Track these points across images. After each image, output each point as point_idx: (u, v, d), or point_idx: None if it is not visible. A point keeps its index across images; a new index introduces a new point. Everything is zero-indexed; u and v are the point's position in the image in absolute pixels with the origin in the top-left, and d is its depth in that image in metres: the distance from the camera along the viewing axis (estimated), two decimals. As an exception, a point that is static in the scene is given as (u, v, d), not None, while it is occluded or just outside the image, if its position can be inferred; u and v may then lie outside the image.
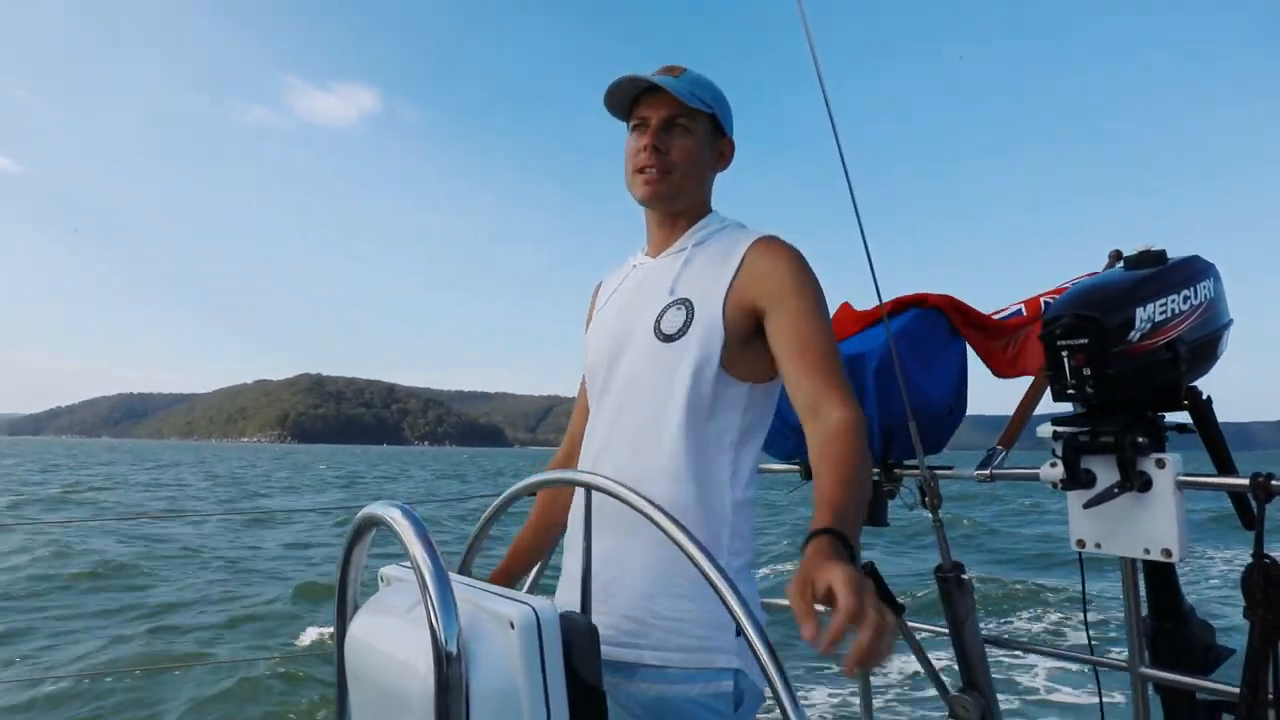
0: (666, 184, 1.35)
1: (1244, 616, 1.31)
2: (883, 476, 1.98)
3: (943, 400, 1.83)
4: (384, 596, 1.06)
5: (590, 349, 1.44)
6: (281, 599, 9.56)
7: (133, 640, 7.63)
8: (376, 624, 1.02)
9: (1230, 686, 1.39)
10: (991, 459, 1.77)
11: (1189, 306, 1.47)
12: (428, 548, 0.87)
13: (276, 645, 7.66)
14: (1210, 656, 1.64)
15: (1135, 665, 1.58)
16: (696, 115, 1.35)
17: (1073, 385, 1.44)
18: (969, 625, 1.74)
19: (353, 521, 1.03)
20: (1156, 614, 1.65)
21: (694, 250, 1.37)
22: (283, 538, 15.66)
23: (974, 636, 1.74)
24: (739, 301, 1.27)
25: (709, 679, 1.18)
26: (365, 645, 1.00)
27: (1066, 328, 1.44)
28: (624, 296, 1.43)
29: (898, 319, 1.85)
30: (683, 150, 1.34)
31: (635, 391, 1.32)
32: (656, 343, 1.30)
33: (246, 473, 53.01)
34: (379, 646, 0.98)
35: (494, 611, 0.91)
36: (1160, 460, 1.42)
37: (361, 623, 1.04)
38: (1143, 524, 1.44)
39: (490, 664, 0.87)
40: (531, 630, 0.87)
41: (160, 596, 9.76)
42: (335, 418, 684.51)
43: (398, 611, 0.99)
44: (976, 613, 1.76)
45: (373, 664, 0.98)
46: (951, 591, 1.74)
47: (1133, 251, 1.55)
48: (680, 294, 1.32)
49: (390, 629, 0.98)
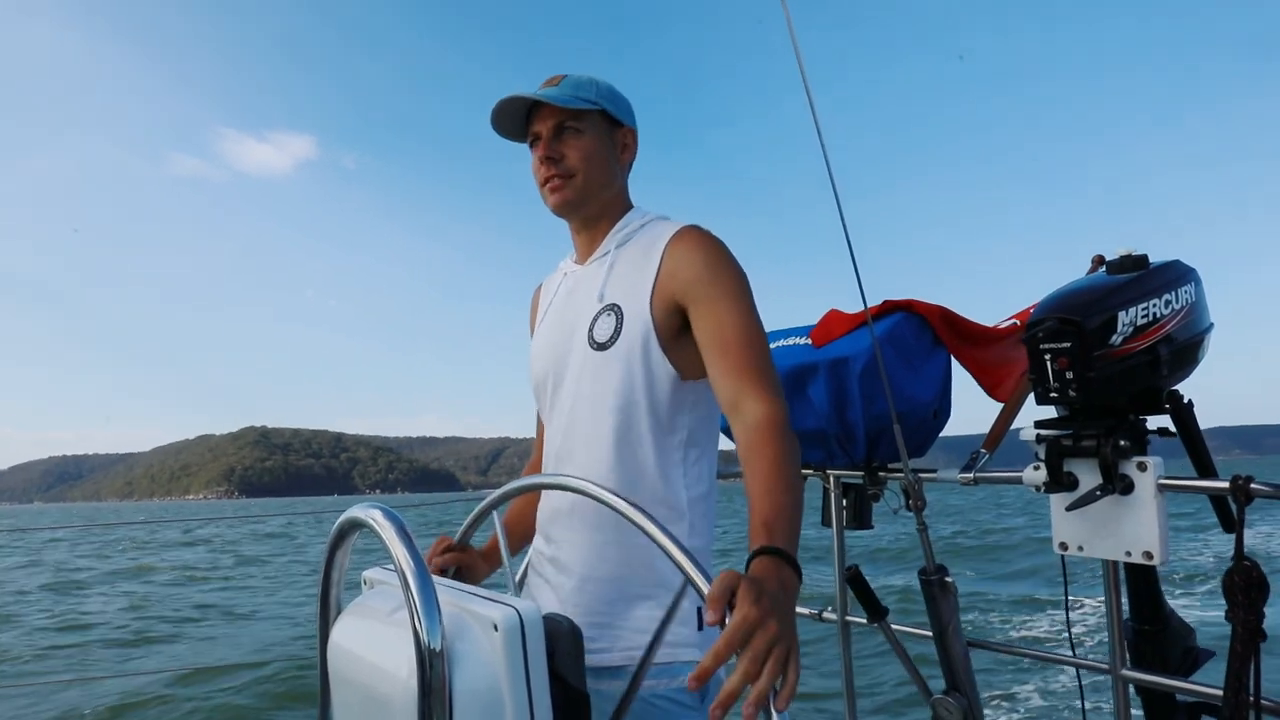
0: (571, 188, 1.34)
1: (1225, 619, 1.32)
2: (867, 479, 1.98)
3: (928, 403, 1.84)
4: (367, 599, 1.05)
5: (534, 366, 1.44)
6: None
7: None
8: (359, 627, 1.01)
9: (1211, 688, 1.40)
10: (975, 462, 1.78)
11: (1170, 310, 1.48)
12: (410, 549, 0.86)
13: (259, 650, 7.59)
14: (1191, 658, 1.66)
15: (1116, 667, 1.59)
16: (584, 115, 1.34)
17: (1055, 389, 1.45)
18: (952, 628, 1.74)
19: (335, 524, 1.02)
20: (1138, 616, 1.66)
21: (617, 253, 1.36)
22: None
23: (957, 639, 1.74)
24: (664, 299, 1.27)
25: (674, 673, 1.19)
26: (347, 648, 1.00)
27: (1049, 331, 1.44)
28: (557, 308, 1.43)
29: (883, 322, 1.86)
30: (577, 151, 1.33)
31: (580, 404, 1.32)
32: (592, 352, 1.30)
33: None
34: (361, 649, 0.97)
35: (477, 613, 0.90)
36: (1142, 463, 1.43)
37: (344, 626, 1.03)
38: (1125, 527, 1.45)
39: (473, 665, 0.87)
40: (515, 632, 0.87)
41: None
42: (284, 469, 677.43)
43: (380, 614, 0.98)
44: (960, 615, 1.77)
45: (355, 667, 0.97)
46: (935, 594, 1.74)
47: (1115, 256, 1.57)
48: (609, 299, 1.32)
49: (373, 632, 0.98)
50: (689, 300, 1.25)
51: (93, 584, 12.83)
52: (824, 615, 2.19)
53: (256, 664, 6.85)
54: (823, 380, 1.88)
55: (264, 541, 14.77)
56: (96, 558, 14.42)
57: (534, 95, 1.32)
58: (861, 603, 1.91)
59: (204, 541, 13.49)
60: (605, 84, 1.39)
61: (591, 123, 1.35)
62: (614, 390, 1.27)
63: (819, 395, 1.89)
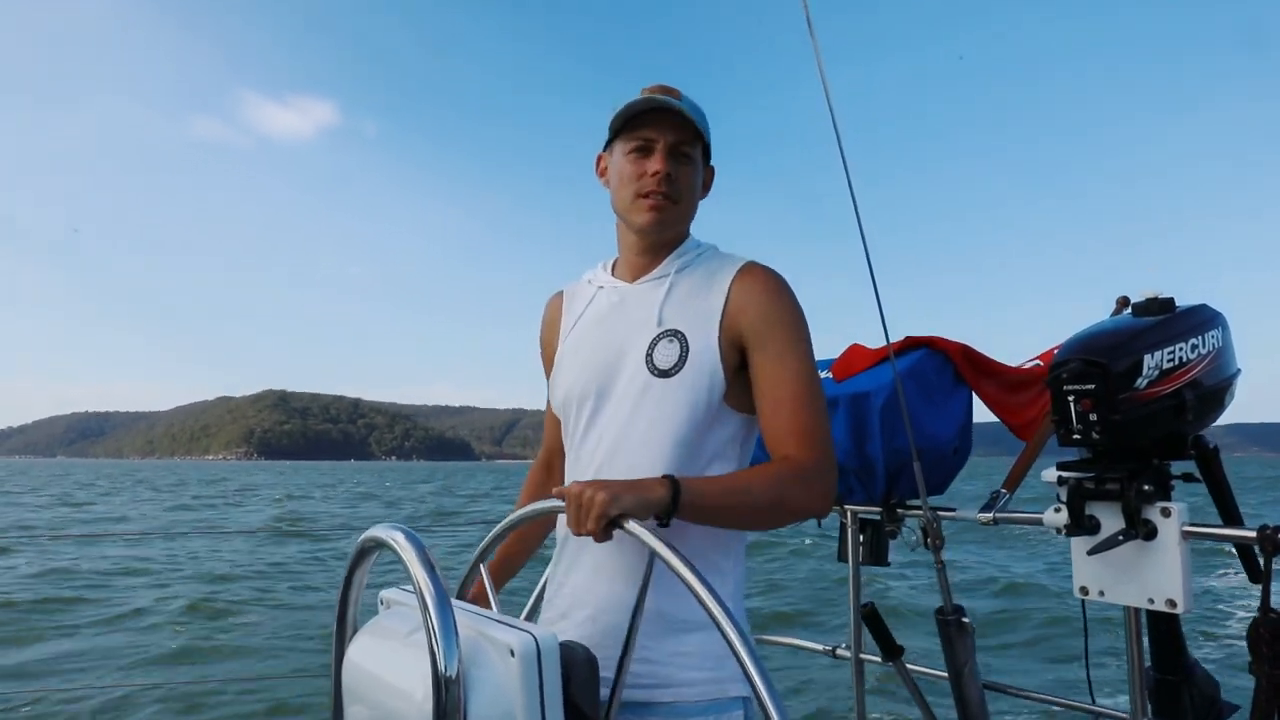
0: (673, 213, 1.31)
1: (1249, 671, 1.29)
2: (885, 516, 1.97)
3: (948, 440, 1.83)
4: (383, 620, 1.06)
5: (565, 379, 1.37)
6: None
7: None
8: (375, 647, 1.01)
9: None
10: (995, 502, 1.76)
11: (1197, 355, 1.47)
12: (430, 572, 0.87)
13: (272, 666, 7.58)
14: (1214, 711, 1.62)
15: (1137, 717, 1.56)
16: (698, 142, 1.32)
17: (1079, 430, 1.44)
18: (969, 670, 1.72)
19: (355, 543, 1.03)
20: (1160, 666, 1.63)
21: (677, 277, 1.32)
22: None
23: (974, 681, 1.72)
24: (730, 335, 1.25)
25: (720, 710, 1.18)
26: (364, 667, 1.00)
27: (1073, 372, 1.44)
28: (599, 323, 1.37)
29: (905, 358, 1.86)
30: (687, 179, 1.31)
31: (631, 427, 1.26)
32: (651, 377, 1.26)
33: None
34: (377, 670, 0.98)
35: (494, 638, 0.90)
36: (1166, 509, 1.41)
37: (361, 644, 1.03)
38: (1147, 573, 1.43)
39: (489, 691, 0.87)
40: (531, 659, 0.87)
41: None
42: (302, 434, 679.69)
43: (397, 635, 0.99)
44: (976, 657, 1.74)
45: (370, 687, 0.97)
46: (952, 635, 1.72)
47: (1140, 298, 1.56)
48: (670, 324, 1.27)
49: (389, 652, 0.98)
50: (751, 343, 1.24)
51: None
52: (838, 652, 2.16)
53: (253, 678, 6.82)
54: (843, 414, 1.88)
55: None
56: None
57: (682, 108, 1.27)
58: (877, 641, 1.89)
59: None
60: (704, 116, 1.35)
61: (698, 152, 1.33)
62: (675, 419, 1.24)
63: (839, 429, 1.88)
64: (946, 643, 1.73)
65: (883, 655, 1.91)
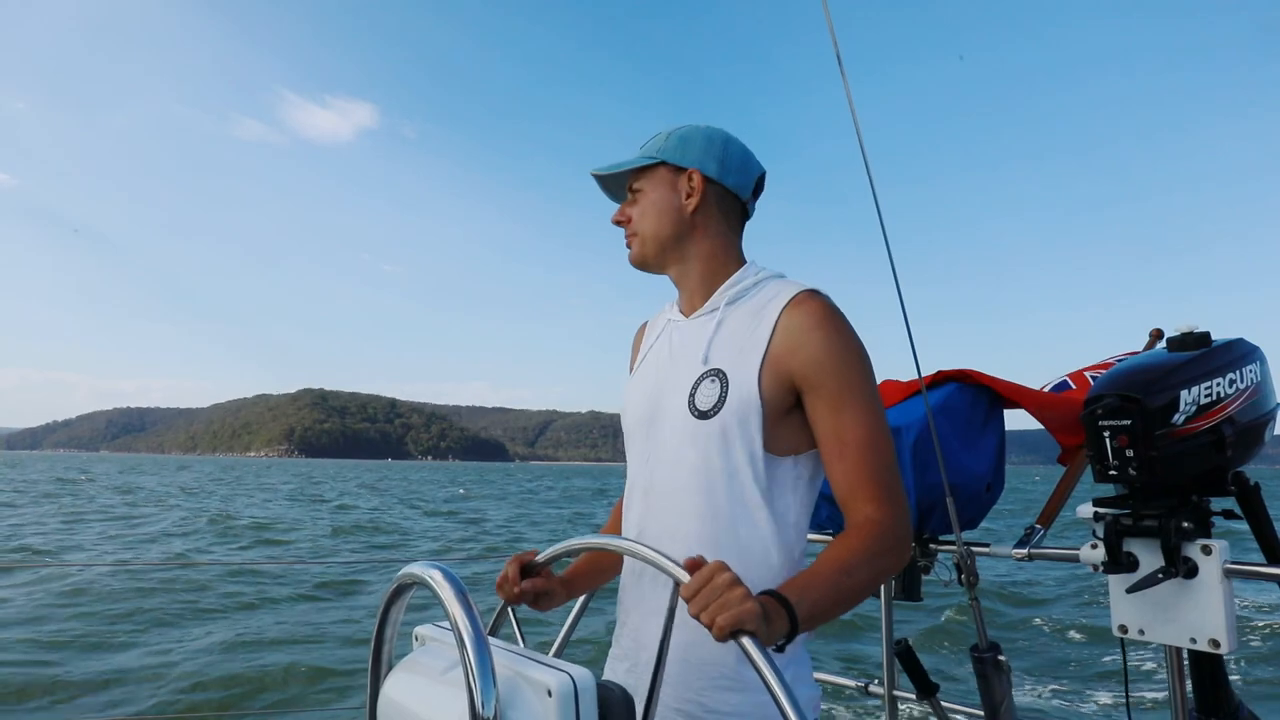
0: (636, 245, 1.37)
1: None
2: (918, 551, 1.95)
3: (981, 476, 1.82)
4: (419, 656, 1.07)
5: (627, 409, 1.39)
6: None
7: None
8: (411, 684, 1.02)
9: None
10: (1030, 537, 1.75)
11: (1235, 390, 1.45)
12: (468, 610, 0.87)
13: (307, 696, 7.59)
14: None
15: None
16: (643, 173, 1.36)
17: (1115, 466, 1.42)
18: (1005, 708, 1.69)
19: (392, 580, 1.04)
20: (1203, 707, 1.59)
21: (726, 310, 1.29)
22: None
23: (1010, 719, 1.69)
24: (775, 373, 1.19)
25: None
26: (400, 703, 1.01)
27: (1109, 408, 1.42)
28: (659, 358, 1.38)
29: (937, 392, 1.85)
30: (638, 210, 1.36)
31: (673, 467, 1.26)
32: (692, 419, 1.24)
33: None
34: (413, 707, 0.98)
35: (531, 678, 0.91)
36: (1207, 546, 1.39)
37: (395, 682, 1.04)
38: (1189, 612, 1.40)
39: None
40: (569, 699, 0.87)
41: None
42: (340, 432, 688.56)
43: (433, 672, 1.00)
44: (1013, 695, 1.71)
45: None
46: (988, 673, 1.69)
47: (1175, 332, 1.55)
48: (713, 363, 1.25)
49: (425, 690, 0.99)
50: (808, 386, 1.18)
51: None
52: (870, 688, 2.13)
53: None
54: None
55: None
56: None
57: (596, 173, 1.40)
58: (911, 678, 1.87)
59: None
60: (686, 130, 1.35)
61: (652, 178, 1.35)
62: (709, 460, 1.21)
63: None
64: (982, 680, 1.71)
65: (917, 693, 1.88)
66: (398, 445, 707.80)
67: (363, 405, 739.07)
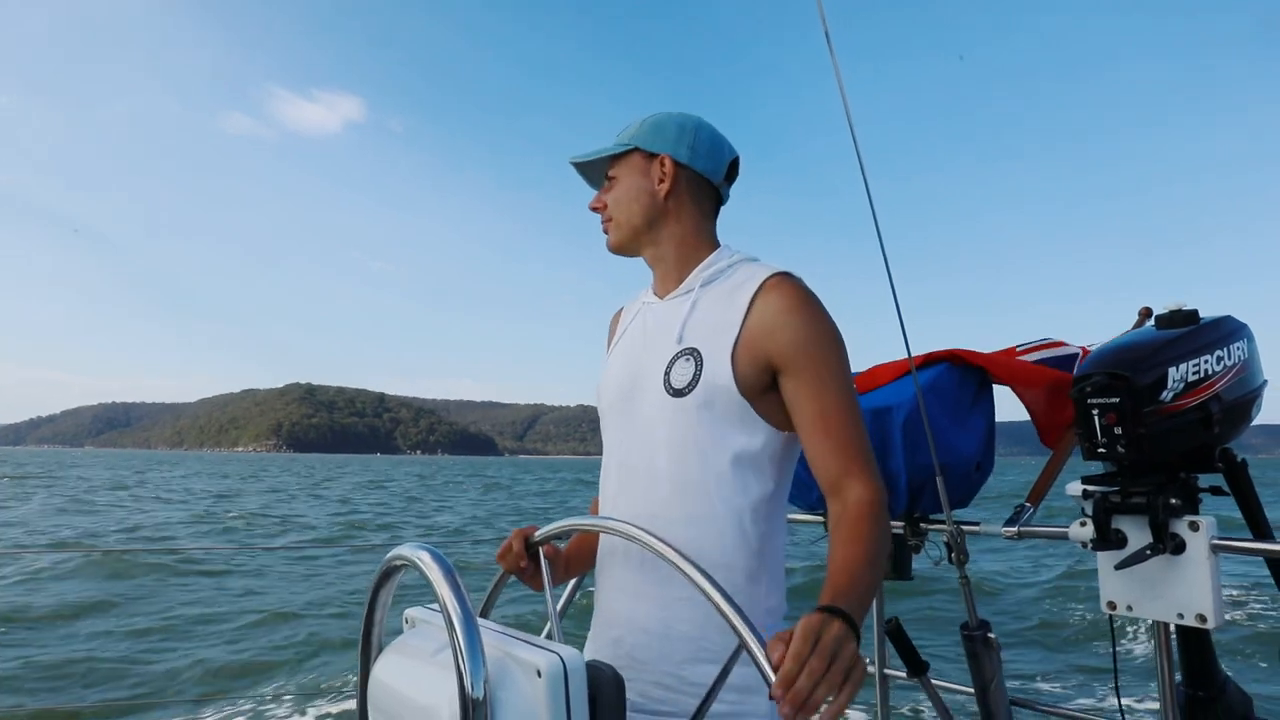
0: (612, 230, 1.39)
1: None
2: (908, 531, 1.96)
3: (970, 456, 1.82)
4: (409, 639, 1.07)
5: (603, 389, 1.41)
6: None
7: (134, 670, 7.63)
8: (401, 666, 1.02)
9: None
10: (1019, 516, 1.75)
11: (1223, 367, 1.46)
12: (456, 591, 0.87)
13: (298, 683, 7.61)
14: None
15: None
16: (618, 160, 1.38)
17: (1103, 444, 1.43)
18: (995, 686, 1.70)
19: (381, 562, 1.04)
20: (1191, 681, 1.61)
21: (701, 291, 1.32)
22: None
23: (1000, 697, 1.70)
24: (749, 353, 1.22)
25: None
26: (390, 686, 1.01)
27: (1097, 386, 1.43)
28: (634, 339, 1.40)
29: (927, 372, 1.85)
30: (613, 196, 1.38)
31: (648, 444, 1.28)
32: (667, 397, 1.26)
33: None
34: (402, 689, 0.98)
35: (521, 658, 0.91)
36: (1194, 523, 1.40)
37: (385, 664, 1.04)
38: (1176, 588, 1.42)
39: (515, 712, 0.87)
40: (558, 679, 0.87)
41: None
42: (329, 427, 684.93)
43: (423, 654, 0.99)
44: (1003, 672, 1.73)
45: (395, 707, 0.98)
46: (978, 651, 1.71)
47: (1163, 310, 1.55)
48: (688, 342, 1.27)
49: (415, 672, 0.98)
50: (787, 368, 1.20)
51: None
52: None
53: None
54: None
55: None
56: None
57: (574, 160, 1.43)
58: (902, 656, 1.88)
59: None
60: (658, 117, 1.38)
61: (626, 165, 1.37)
62: (684, 438, 1.23)
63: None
64: (972, 658, 1.72)
65: (908, 671, 1.89)
66: (386, 440, 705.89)
67: (351, 400, 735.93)
